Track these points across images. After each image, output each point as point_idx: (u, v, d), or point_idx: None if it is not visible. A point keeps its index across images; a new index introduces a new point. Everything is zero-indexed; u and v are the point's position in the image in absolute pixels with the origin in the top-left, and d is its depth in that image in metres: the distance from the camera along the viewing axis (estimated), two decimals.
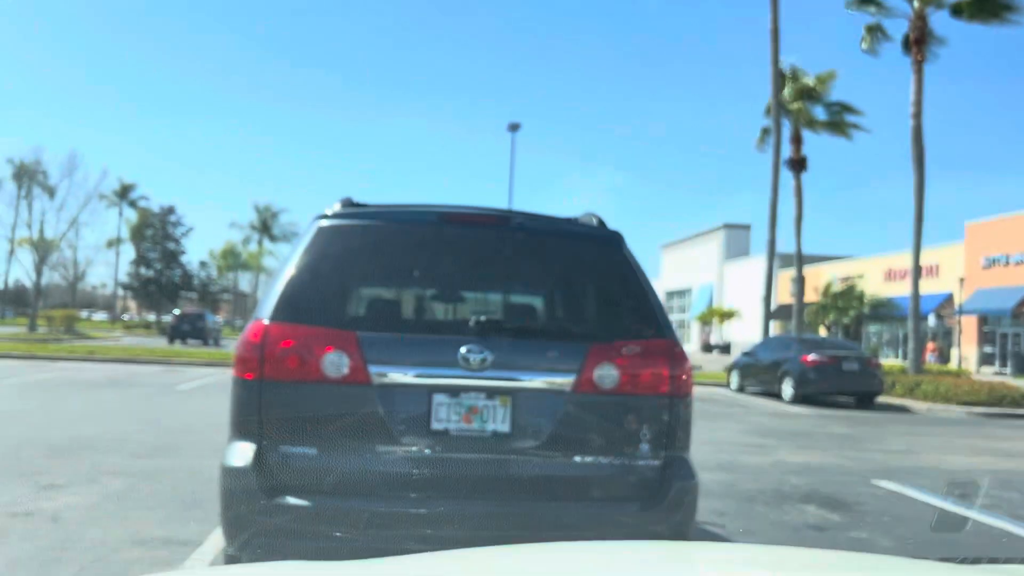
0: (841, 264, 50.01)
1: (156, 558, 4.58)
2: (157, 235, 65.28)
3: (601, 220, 3.99)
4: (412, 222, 3.75)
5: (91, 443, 8.33)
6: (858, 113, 30.94)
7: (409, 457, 3.29)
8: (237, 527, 3.24)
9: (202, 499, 5.92)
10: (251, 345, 3.31)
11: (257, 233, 72.71)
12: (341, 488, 3.27)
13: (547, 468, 3.38)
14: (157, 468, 7.18)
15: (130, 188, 66.53)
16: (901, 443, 11.70)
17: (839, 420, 14.87)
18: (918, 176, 22.85)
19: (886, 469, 9.05)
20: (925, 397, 18.32)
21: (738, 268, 62.08)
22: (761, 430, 12.60)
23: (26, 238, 42.63)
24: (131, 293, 70.72)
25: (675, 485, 3.39)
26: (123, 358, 23.00)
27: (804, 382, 17.93)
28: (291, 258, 3.54)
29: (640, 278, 3.67)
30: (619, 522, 3.36)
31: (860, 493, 7.50)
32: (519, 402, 3.36)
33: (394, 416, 3.28)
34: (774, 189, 27.66)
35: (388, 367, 3.30)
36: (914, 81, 23.29)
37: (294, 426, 3.29)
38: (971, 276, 37.69)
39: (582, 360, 3.40)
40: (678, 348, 3.56)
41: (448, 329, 3.90)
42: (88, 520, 5.30)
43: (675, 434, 3.47)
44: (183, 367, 21.54)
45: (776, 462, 9.21)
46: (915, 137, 23.02)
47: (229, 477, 3.23)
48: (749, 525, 6.04)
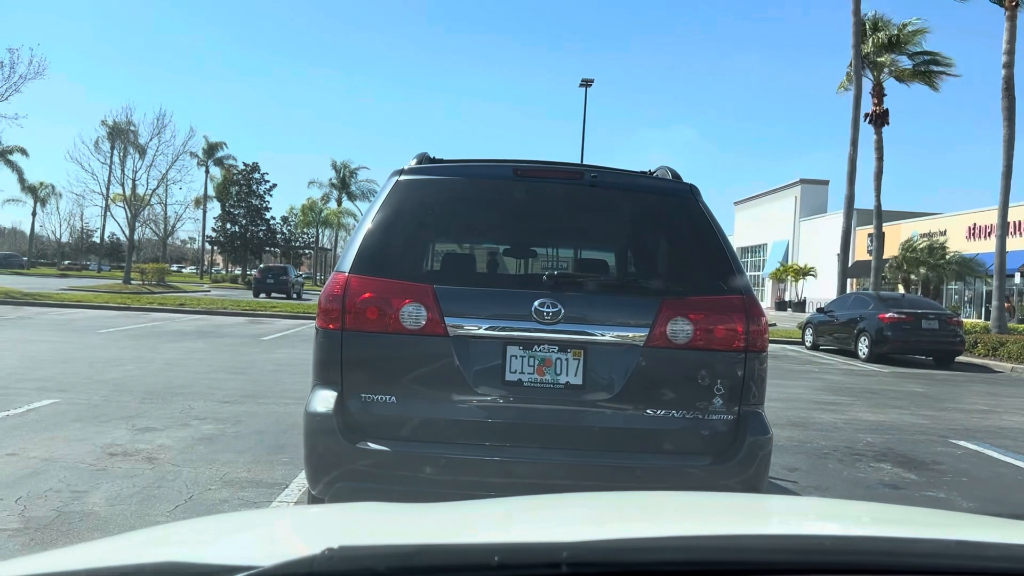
0: (922, 221, 48.15)
1: (244, 498, 4.84)
2: (242, 192, 66.95)
3: (676, 174, 3.96)
4: (487, 177, 3.79)
5: (182, 389, 8.74)
6: (947, 61, 29.51)
7: (484, 406, 3.38)
8: (320, 470, 3.39)
9: (287, 444, 6.20)
10: (333, 297, 3.43)
11: (336, 191, 73.90)
12: (419, 435, 3.39)
13: (619, 420, 3.43)
14: (244, 413, 7.51)
15: (216, 147, 68.11)
16: (982, 403, 11.38)
17: (917, 379, 14.52)
18: (1008, 128, 21.80)
19: (966, 429, 8.84)
20: (1009, 357, 17.71)
21: (814, 225, 60.39)
22: (835, 388, 12.40)
23: (119, 195, 44.23)
24: (218, 248, 72.92)
25: (748, 440, 3.40)
26: (211, 310, 23.81)
27: (881, 340, 17.51)
28: (370, 213, 3.62)
29: (716, 232, 3.65)
30: (691, 475, 3.39)
31: (938, 452, 7.36)
32: (592, 355, 3.41)
33: (469, 367, 3.36)
34: (853, 144, 26.75)
35: (464, 319, 3.39)
36: (1007, 29, 22.09)
37: (374, 375, 3.41)
38: None
39: (655, 315, 3.41)
40: (754, 303, 3.54)
41: (522, 283, 3.96)
42: (181, 461, 5.61)
43: (749, 389, 3.47)
44: (267, 319, 22.24)
45: (850, 420, 9.09)
46: (1006, 88, 21.91)
47: (313, 422, 3.38)
48: (821, 482, 6.01)
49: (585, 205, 3.78)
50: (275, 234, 69.88)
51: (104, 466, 5.38)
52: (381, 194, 3.68)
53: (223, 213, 67.68)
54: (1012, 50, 21.98)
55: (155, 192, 45.40)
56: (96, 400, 7.84)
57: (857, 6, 26.37)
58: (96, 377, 9.42)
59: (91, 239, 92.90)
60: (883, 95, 29.89)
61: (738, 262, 3.65)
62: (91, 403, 7.67)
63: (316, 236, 74.32)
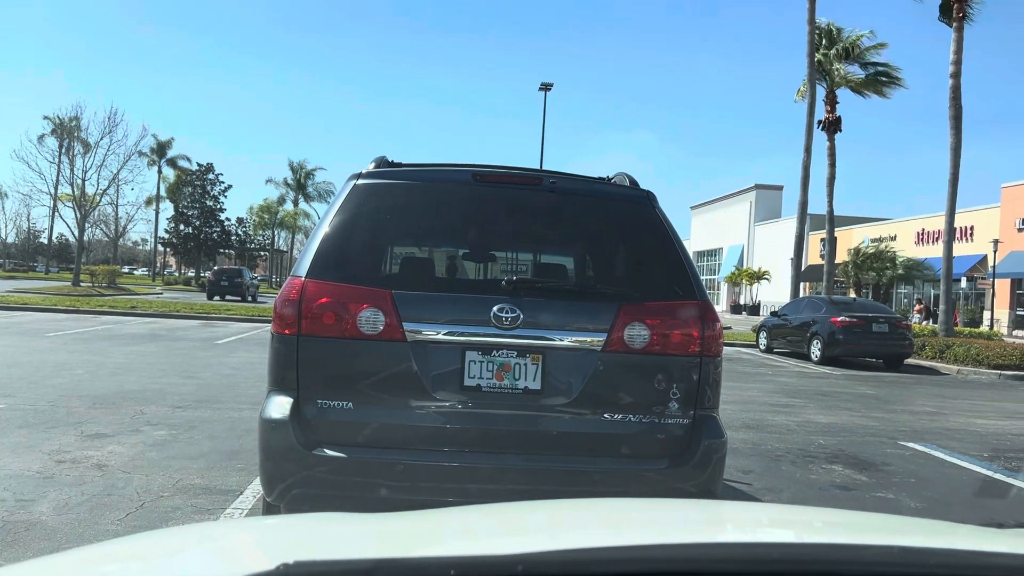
0: (873, 226, 49.28)
1: (197, 506, 4.76)
2: (195, 193, 65.96)
3: (633, 180, 4.00)
4: (445, 181, 3.79)
5: (134, 394, 8.57)
6: (896, 73, 30.31)
7: (442, 412, 3.38)
8: (275, 478, 3.34)
9: (241, 450, 6.11)
10: (289, 301, 3.40)
11: (292, 191, 73.21)
12: (376, 441, 3.37)
13: (577, 425, 3.45)
14: (198, 419, 7.39)
15: (167, 145, 67.03)
16: (930, 405, 11.66)
17: (867, 381, 14.83)
18: (954, 137, 22.39)
19: (914, 430, 9.06)
20: (955, 360, 18.18)
21: (769, 229, 61.41)
22: (789, 390, 12.62)
23: (68, 195, 43.22)
24: (171, 249, 71.72)
25: (704, 443, 3.44)
26: (164, 312, 23.40)
27: (833, 343, 17.86)
28: (327, 217, 3.60)
29: (672, 238, 3.69)
30: (648, 479, 3.42)
31: (887, 454, 7.52)
32: (550, 360, 3.42)
33: (428, 372, 3.35)
34: (807, 150, 27.28)
35: (422, 324, 3.38)
36: (953, 40, 22.70)
37: (331, 380, 3.38)
38: (1006, 238, 36.98)
39: (613, 319, 3.44)
40: (709, 309, 3.59)
41: (481, 288, 3.96)
42: (132, 468, 5.50)
43: (705, 393, 3.52)
44: (222, 322, 21.93)
45: (803, 422, 9.25)
46: (953, 97, 22.50)
47: (267, 429, 3.33)
48: (775, 484, 6.10)
49: (544, 210, 3.79)
50: (230, 236, 69.00)
51: (51, 474, 5.25)
52: (338, 198, 3.66)
53: (176, 214, 66.66)
54: (959, 60, 22.59)
55: (106, 192, 44.53)
56: (43, 406, 7.64)
57: (812, 15, 26.91)
58: (43, 382, 9.19)
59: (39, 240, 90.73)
60: (836, 103, 30.55)
61: (694, 268, 3.70)
62: (37, 409, 7.47)
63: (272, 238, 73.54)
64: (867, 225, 49.77)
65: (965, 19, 22.79)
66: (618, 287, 3.75)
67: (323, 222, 3.59)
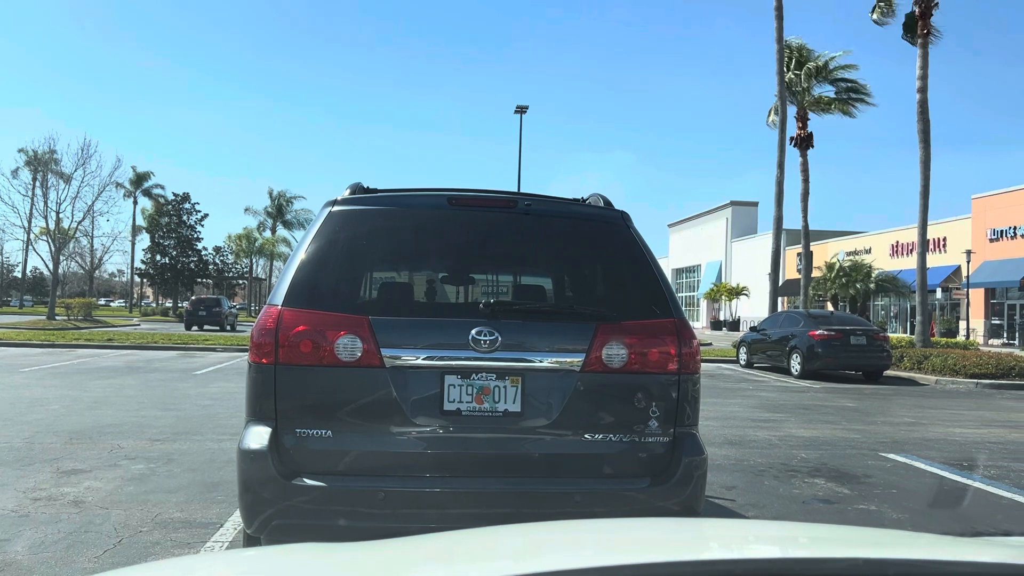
0: (848, 240, 49.86)
1: (176, 540, 4.69)
2: (172, 222, 65.46)
3: (608, 200, 4.03)
4: (421, 206, 3.80)
5: (111, 428, 8.45)
6: (864, 91, 30.87)
7: (422, 438, 3.36)
8: (255, 509, 3.31)
9: (221, 481, 6.04)
10: (266, 330, 3.38)
11: (271, 219, 72.88)
12: (356, 469, 3.35)
13: (558, 446, 3.45)
14: (176, 451, 7.30)
15: (145, 176, 66.63)
16: (909, 416, 11.75)
17: (847, 394, 14.93)
18: (924, 151, 22.75)
19: (894, 441, 9.12)
20: (933, 370, 18.35)
21: (745, 245, 61.93)
22: (769, 405, 12.67)
23: (43, 228, 42.79)
24: (148, 280, 70.99)
25: (684, 461, 3.45)
26: (141, 344, 23.14)
27: (812, 357, 17.98)
28: (303, 244, 3.60)
29: (647, 257, 3.72)
30: (629, 498, 3.42)
31: (869, 466, 7.57)
32: (529, 382, 3.42)
33: (407, 397, 3.34)
34: (780, 166, 27.63)
35: (400, 350, 3.37)
36: (919, 56, 23.14)
37: (309, 409, 3.36)
38: (978, 249, 37.55)
39: (590, 340, 3.45)
40: (686, 327, 3.61)
41: (459, 311, 3.96)
42: (110, 503, 5.41)
43: (684, 411, 3.54)
44: (200, 352, 21.71)
45: (785, 436, 9.29)
46: (921, 111, 22.90)
47: (246, 460, 3.30)
48: (758, 499, 6.11)
49: (520, 233, 3.81)
50: (207, 265, 68.48)
51: (27, 512, 5.16)
52: (314, 225, 3.66)
53: (152, 244, 66.10)
54: (925, 75, 23.01)
55: (80, 224, 44.12)
56: (18, 443, 7.52)
57: (780, 34, 27.34)
58: (18, 418, 9.04)
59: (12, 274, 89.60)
60: (807, 119, 31.03)
61: (669, 286, 3.72)
62: (12, 446, 7.35)
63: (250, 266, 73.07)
64: (842, 239, 50.34)
65: (930, 36, 23.25)
66: (595, 307, 3.77)
67: (299, 249, 3.59)
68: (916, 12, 23.40)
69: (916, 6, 23.42)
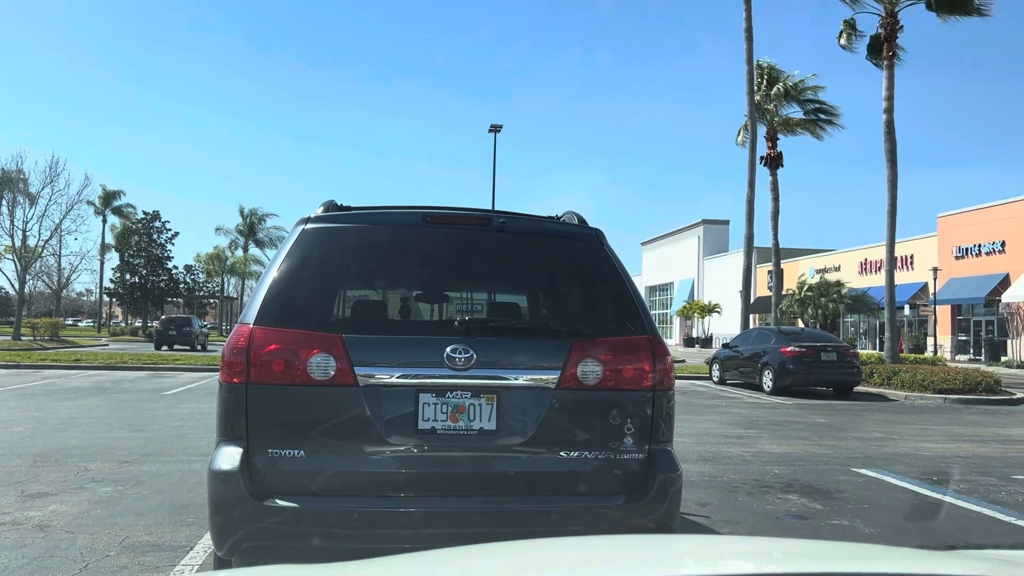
0: (817, 257, 50.50)
1: (145, 564, 4.60)
2: (142, 241, 64.56)
3: (582, 218, 4.05)
4: (395, 224, 3.79)
5: (78, 450, 8.30)
6: (833, 112, 31.39)
7: (397, 457, 3.33)
8: (226, 531, 3.25)
9: (191, 503, 5.94)
10: (237, 349, 3.34)
11: (243, 238, 72.15)
12: (330, 489, 3.31)
13: (533, 464, 3.44)
14: (145, 473, 7.17)
15: (114, 195, 65.79)
16: (880, 431, 11.87)
17: (819, 410, 15.05)
18: (891, 170, 23.15)
19: (865, 457, 9.20)
20: (902, 386, 18.57)
21: (717, 263, 62.49)
22: (742, 421, 12.74)
23: (8, 247, 42.04)
24: (117, 300, 69.82)
25: (659, 478, 3.45)
26: (109, 365, 22.77)
27: (783, 373, 18.12)
28: (275, 262, 3.57)
29: (621, 275, 3.73)
30: (605, 516, 3.41)
31: (840, 481, 7.62)
32: (504, 400, 3.41)
33: (381, 416, 3.32)
34: (750, 185, 27.95)
35: (374, 368, 3.34)
36: (885, 77, 23.60)
37: (281, 429, 3.32)
38: (944, 266, 38.19)
39: (565, 357, 3.45)
40: (660, 343, 3.62)
41: (433, 329, 3.95)
42: (76, 527, 5.30)
43: (659, 427, 3.54)
44: (170, 372, 21.41)
45: (758, 452, 9.33)
46: (887, 132, 23.32)
47: (217, 481, 3.25)
48: (732, 515, 6.13)
49: (494, 250, 3.81)
50: (177, 284, 67.55)
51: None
52: (287, 243, 3.63)
53: (122, 263, 65.16)
54: (891, 96, 23.46)
55: (48, 243, 43.45)
56: None
57: (750, 55, 27.73)
58: None
59: None
60: (777, 139, 31.49)
61: (643, 303, 3.74)
62: None
63: (222, 285, 72.31)
64: (812, 256, 50.98)
65: (895, 58, 23.74)
66: (570, 324, 3.77)
67: (271, 267, 3.56)
68: (881, 35, 23.89)
69: (881, 28, 23.92)
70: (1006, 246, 35.78)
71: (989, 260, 36.72)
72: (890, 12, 23.76)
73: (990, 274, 36.21)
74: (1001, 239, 36.00)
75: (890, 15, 23.75)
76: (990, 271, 36.32)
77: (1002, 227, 36.02)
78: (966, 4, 22.97)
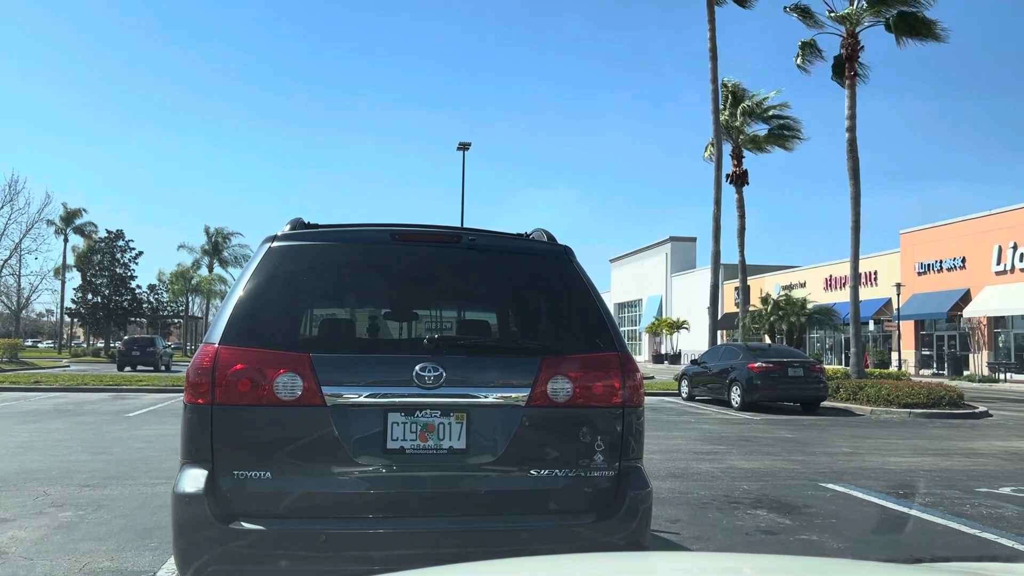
0: (783, 274, 51.15)
1: None
2: (104, 260, 63.46)
3: (551, 236, 4.06)
4: (363, 241, 3.76)
5: (38, 474, 8.10)
6: (797, 128, 31.91)
7: (365, 477, 3.29)
8: (190, 555, 3.19)
9: (154, 527, 5.82)
10: (202, 369, 3.29)
11: (208, 257, 71.12)
12: (297, 511, 3.26)
13: (504, 483, 3.41)
14: (107, 497, 7.01)
15: (76, 214, 64.67)
16: (846, 446, 11.99)
17: (786, 425, 15.18)
18: (854, 187, 23.55)
19: (833, 471, 9.28)
20: (868, 400, 18.80)
21: (685, 280, 63.01)
22: (711, 437, 12.80)
23: None
24: (78, 320, 68.40)
25: (629, 495, 3.44)
26: (71, 386, 22.30)
27: (751, 389, 18.26)
28: (241, 280, 3.52)
29: (590, 292, 3.74)
30: (576, 534, 3.40)
31: (809, 496, 7.67)
32: (474, 418, 3.39)
33: (349, 437, 3.28)
34: (716, 203, 28.26)
35: (342, 387, 3.31)
36: (847, 96, 24.06)
37: (248, 450, 3.27)
38: (907, 282, 38.88)
39: (535, 374, 3.44)
40: (629, 360, 3.63)
41: (402, 347, 3.92)
42: (35, 553, 5.16)
43: (628, 444, 3.54)
44: (133, 393, 21.04)
45: (727, 468, 9.37)
46: (850, 149, 23.74)
47: (181, 504, 3.19)
48: (702, 532, 6.14)
49: (464, 268, 3.80)
50: (141, 304, 66.46)
51: None
52: (253, 261, 3.59)
53: (84, 283, 63.99)
54: (853, 115, 23.90)
55: (7, 263, 42.64)
56: None
57: (715, 75, 28.13)
58: None
59: None
60: (742, 157, 31.92)
61: (612, 320, 3.74)
62: None
63: (186, 305, 71.28)
64: (778, 273, 51.63)
65: (857, 78, 24.22)
66: (540, 341, 3.76)
67: (237, 286, 3.51)
68: (843, 54, 24.38)
69: (843, 49, 24.42)
70: (966, 262, 36.54)
71: (950, 276, 37.46)
72: (851, 33, 24.28)
73: (951, 290, 36.94)
74: (962, 255, 36.76)
75: (851, 35, 24.27)
76: (951, 287, 37.05)
77: (962, 243, 36.79)
78: (923, 28, 23.54)
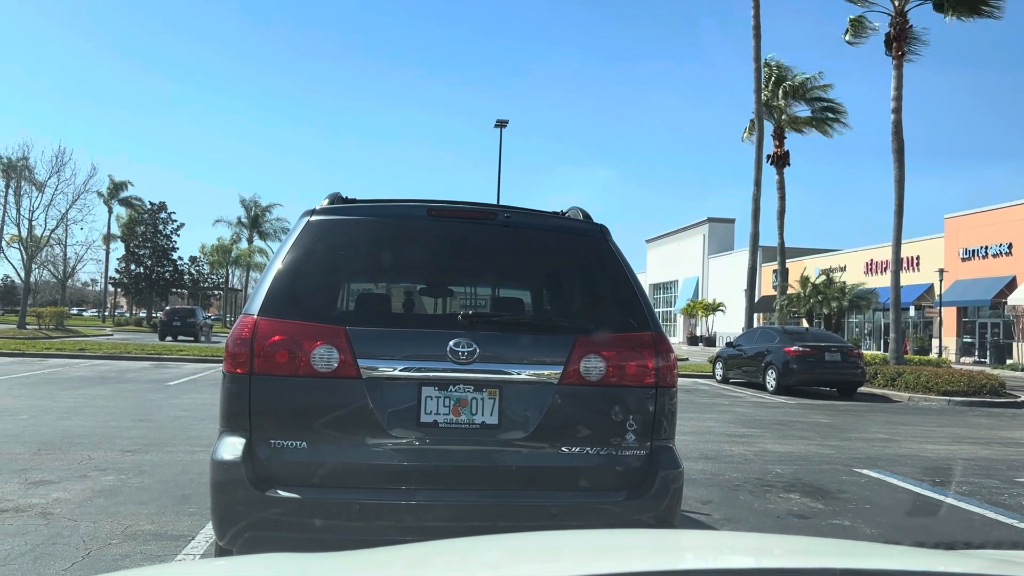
0: (823, 257, 50.38)
1: (147, 552, 4.62)
2: (148, 232, 64.66)
3: (587, 214, 4.04)
4: (400, 217, 3.79)
5: (81, 439, 8.33)
6: (841, 110, 31.31)
7: (398, 449, 3.34)
8: (227, 521, 3.27)
9: (193, 493, 5.96)
10: (241, 340, 3.35)
11: (246, 230, 72.03)
12: (331, 480, 3.32)
13: (535, 459, 3.44)
14: (148, 463, 7.20)
15: (122, 186, 65.95)
16: (882, 432, 11.85)
17: (822, 410, 15.03)
18: (898, 169, 23.07)
19: (868, 457, 9.18)
20: (906, 387, 18.53)
21: (722, 261, 62.38)
22: (745, 420, 12.73)
23: (14, 236, 42.14)
24: (121, 290, 69.89)
25: (661, 474, 3.45)
26: (113, 354, 22.80)
27: (787, 372, 18.10)
28: (280, 253, 3.57)
29: (626, 271, 3.73)
30: (606, 511, 3.42)
31: (842, 481, 7.61)
32: (507, 394, 3.41)
33: (383, 409, 3.32)
34: (756, 184, 27.89)
35: (377, 360, 3.35)
36: (894, 76, 23.49)
37: (284, 420, 3.33)
38: (950, 268, 38.08)
39: (568, 352, 3.45)
40: (663, 340, 3.62)
41: (437, 323, 3.95)
42: (79, 515, 5.32)
43: (661, 424, 3.54)
44: (174, 363, 21.49)
45: (760, 451, 9.33)
46: (895, 131, 23.23)
47: (219, 471, 3.27)
48: (733, 514, 6.13)
49: (499, 245, 3.81)
50: (182, 275, 67.66)
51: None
52: (292, 234, 3.64)
53: (127, 254, 65.30)
54: (900, 96, 23.36)
55: (54, 232, 43.58)
56: None
57: (758, 53, 27.65)
58: None
59: None
60: (784, 137, 31.42)
61: (647, 299, 3.73)
62: None
63: (226, 276, 72.36)
64: (818, 256, 50.85)
65: (904, 57, 23.63)
66: (573, 320, 3.77)
67: (276, 259, 3.56)
68: (891, 33, 23.80)
69: (891, 28, 23.83)
70: (1013, 248, 35.67)
71: (996, 262, 36.60)
72: (899, 11, 23.67)
73: (996, 276, 36.10)
74: (1008, 241, 35.89)
75: (899, 14, 23.66)
76: (997, 273, 36.20)
77: (1010, 229, 35.89)
78: (972, 4, 22.86)
